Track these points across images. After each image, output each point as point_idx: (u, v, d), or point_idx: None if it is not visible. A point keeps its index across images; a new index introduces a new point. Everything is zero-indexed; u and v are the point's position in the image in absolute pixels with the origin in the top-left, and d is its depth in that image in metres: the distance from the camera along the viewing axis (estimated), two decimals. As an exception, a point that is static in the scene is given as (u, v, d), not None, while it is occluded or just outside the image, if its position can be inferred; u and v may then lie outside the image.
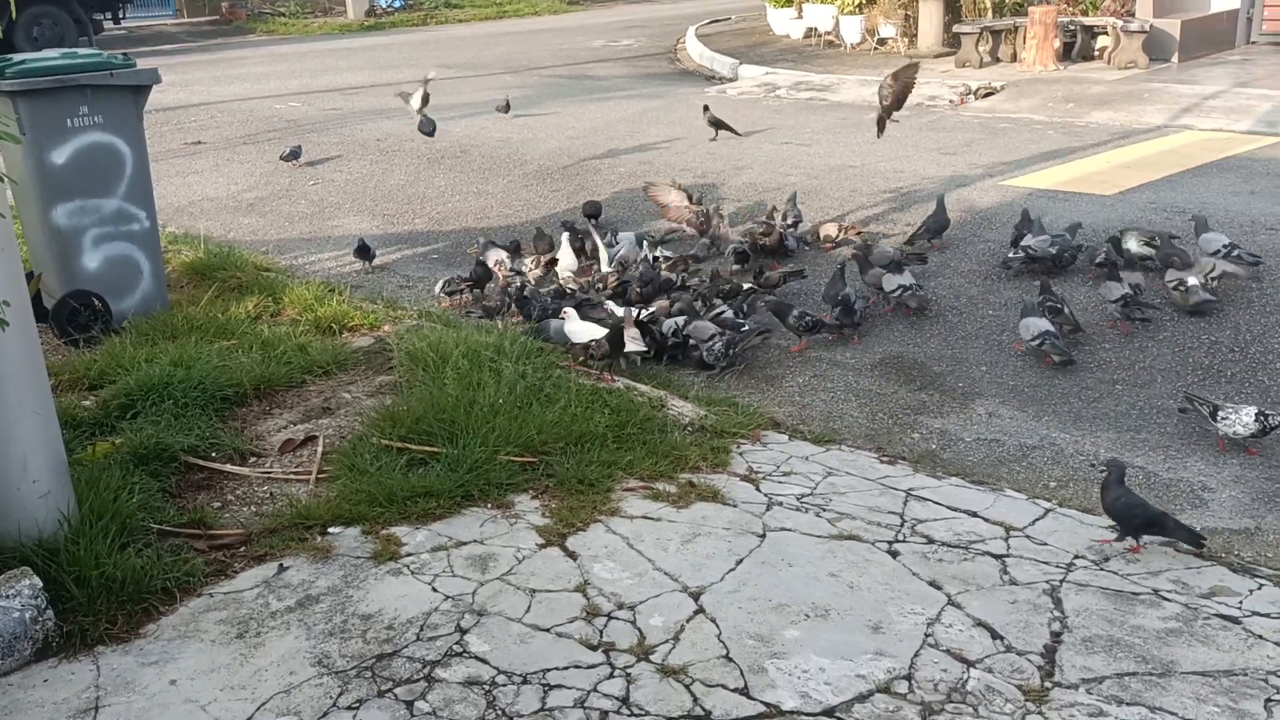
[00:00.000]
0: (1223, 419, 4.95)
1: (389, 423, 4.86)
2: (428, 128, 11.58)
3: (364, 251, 8.00)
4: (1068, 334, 6.19)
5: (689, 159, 11.21)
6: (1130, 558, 4.01)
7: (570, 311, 6.23)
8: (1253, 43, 16.70)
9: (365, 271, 7.97)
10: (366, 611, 3.75)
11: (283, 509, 4.39)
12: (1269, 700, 3.21)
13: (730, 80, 16.74)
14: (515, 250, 7.71)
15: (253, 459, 4.92)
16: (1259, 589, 3.79)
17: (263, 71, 19.44)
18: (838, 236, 7.96)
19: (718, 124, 11.83)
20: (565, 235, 7.67)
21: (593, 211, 8.84)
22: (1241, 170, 9.67)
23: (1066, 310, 6.30)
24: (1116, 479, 4.12)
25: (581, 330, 6.04)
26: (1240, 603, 3.71)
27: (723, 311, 6.45)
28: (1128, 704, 3.21)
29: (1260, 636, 3.51)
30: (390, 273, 8.11)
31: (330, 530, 4.24)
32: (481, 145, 12.38)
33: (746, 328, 6.27)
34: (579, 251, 7.56)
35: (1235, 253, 6.73)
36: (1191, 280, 6.45)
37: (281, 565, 4.04)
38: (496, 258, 7.41)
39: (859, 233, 7.77)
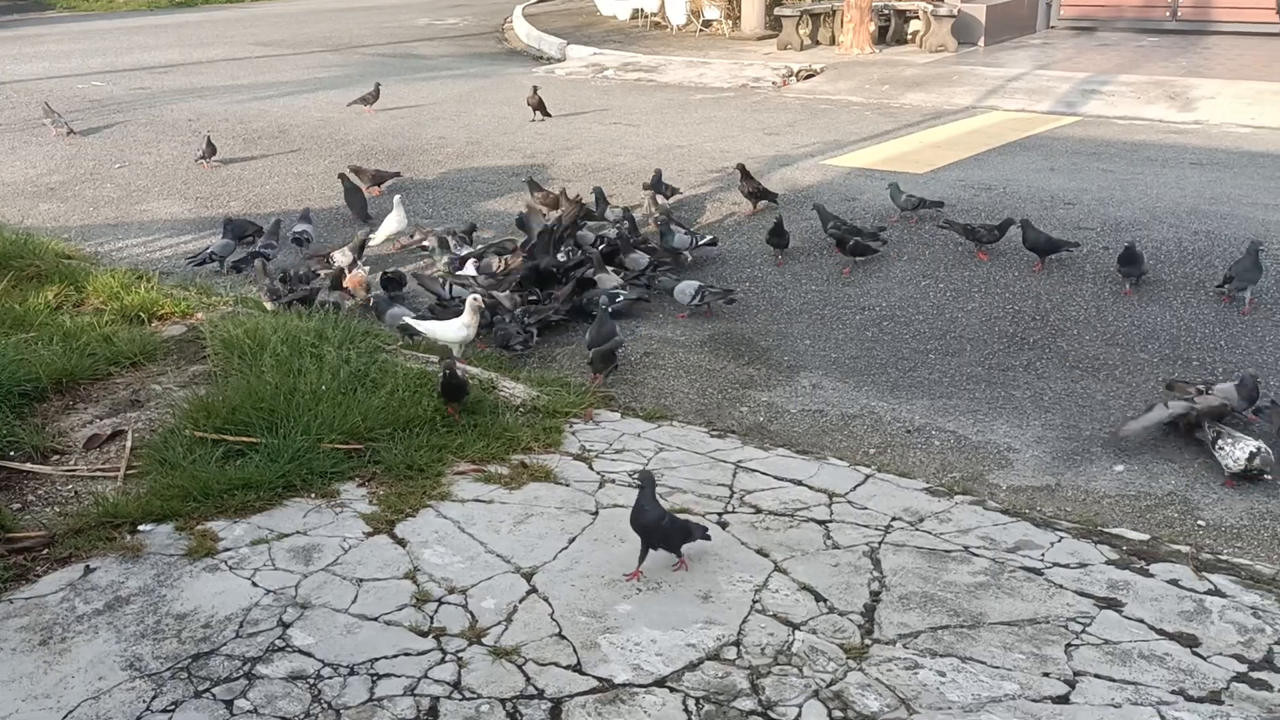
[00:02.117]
0: None
1: (203, 413, 4.66)
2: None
3: (230, 248, 7.44)
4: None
5: (517, 139, 11.12)
6: (943, 517, 4.19)
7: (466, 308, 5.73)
8: (1052, 27, 17.69)
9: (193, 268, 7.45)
10: (181, 610, 3.59)
11: (89, 508, 4.17)
12: (1069, 645, 3.42)
13: (558, 60, 16.68)
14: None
15: (55, 457, 4.65)
16: (1059, 541, 4.03)
17: (63, 49, 18.32)
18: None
19: (538, 106, 11.82)
20: (397, 197, 7.84)
21: (379, 179, 9.03)
22: (1042, 148, 10.22)
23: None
24: (650, 496, 3.77)
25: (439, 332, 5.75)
26: (1042, 555, 3.93)
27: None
28: (941, 655, 3.36)
29: (1060, 586, 3.73)
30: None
31: (141, 528, 4.04)
32: (301, 125, 11.98)
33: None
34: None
35: None
36: None
37: (88, 566, 3.83)
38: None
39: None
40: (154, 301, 6.17)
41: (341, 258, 7.04)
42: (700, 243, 7.32)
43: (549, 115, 11.86)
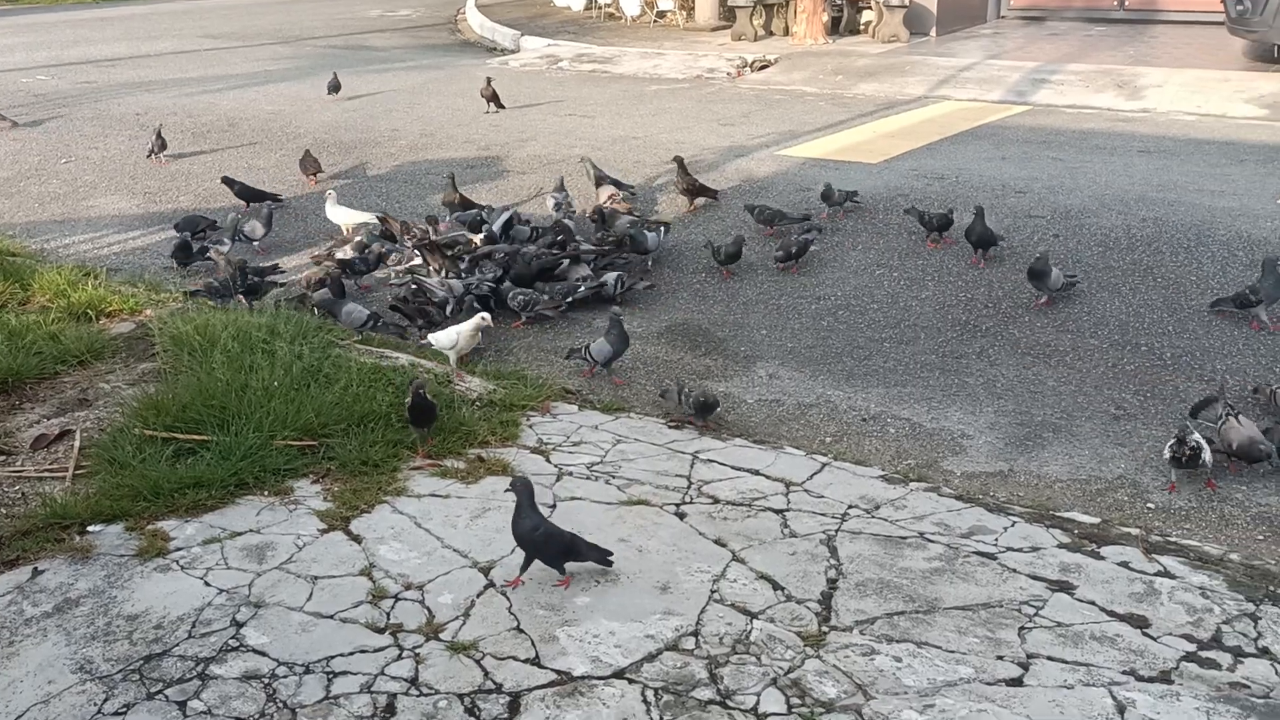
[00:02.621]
0: None
1: (153, 412, 4.59)
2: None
3: (185, 249, 7.23)
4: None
5: (472, 131, 11.05)
6: (899, 504, 4.22)
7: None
8: (1003, 17, 17.85)
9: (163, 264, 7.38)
10: (132, 611, 3.54)
11: (36, 509, 4.09)
12: (1022, 628, 3.46)
13: (513, 52, 16.59)
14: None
15: (1, 458, 4.55)
16: (1012, 526, 4.07)
17: (6, 43, 17.96)
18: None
19: (492, 98, 11.76)
20: (331, 193, 7.84)
21: (311, 170, 9.25)
22: (994, 137, 10.31)
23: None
24: (528, 503, 3.69)
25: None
26: (996, 540, 3.97)
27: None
28: (897, 641, 3.39)
29: (1014, 570, 3.77)
30: (153, 254, 7.66)
31: (90, 529, 3.98)
32: (251, 118, 11.82)
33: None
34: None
35: None
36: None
37: (36, 569, 3.76)
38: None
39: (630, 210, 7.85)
40: (102, 299, 6.07)
41: (344, 255, 7.02)
42: (661, 239, 7.34)
43: (503, 107, 11.81)
